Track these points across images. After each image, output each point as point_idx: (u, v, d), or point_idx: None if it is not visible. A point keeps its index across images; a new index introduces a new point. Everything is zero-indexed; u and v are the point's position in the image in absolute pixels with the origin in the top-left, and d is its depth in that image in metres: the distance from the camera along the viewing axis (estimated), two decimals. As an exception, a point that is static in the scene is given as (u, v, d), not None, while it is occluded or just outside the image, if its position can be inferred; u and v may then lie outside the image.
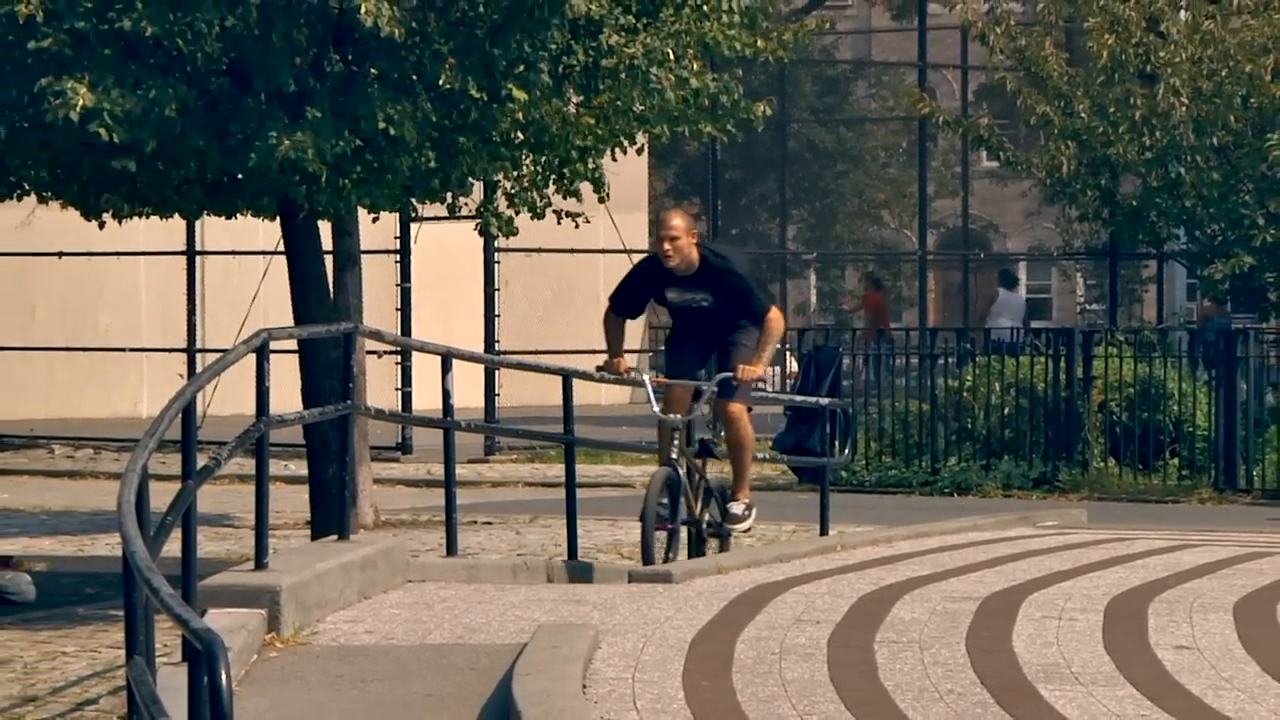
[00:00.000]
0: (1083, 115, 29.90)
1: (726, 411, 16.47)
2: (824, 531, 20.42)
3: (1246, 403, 28.12)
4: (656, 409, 16.12)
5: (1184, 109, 29.19)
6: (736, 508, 16.37)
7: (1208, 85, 29.01)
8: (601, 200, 21.10)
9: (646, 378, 16.72)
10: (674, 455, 15.71)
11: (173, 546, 11.89)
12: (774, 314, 16.35)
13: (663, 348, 14.64)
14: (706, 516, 16.65)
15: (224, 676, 7.25)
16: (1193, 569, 17.89)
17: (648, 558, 16.00)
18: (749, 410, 16.80)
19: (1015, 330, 37.21)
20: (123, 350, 35.70)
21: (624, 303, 17.25)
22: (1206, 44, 29.36)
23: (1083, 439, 27.91)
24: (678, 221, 15.93)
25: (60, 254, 32.03)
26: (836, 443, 26.53)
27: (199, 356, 31.29)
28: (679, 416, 15.89)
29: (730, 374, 15.95)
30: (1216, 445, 27.75)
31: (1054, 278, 65.15)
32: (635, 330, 44.89)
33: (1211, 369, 28.68)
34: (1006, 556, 18.88)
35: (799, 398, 27.52)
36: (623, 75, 18.57)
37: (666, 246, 15.82)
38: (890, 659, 13.23)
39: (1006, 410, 28.57)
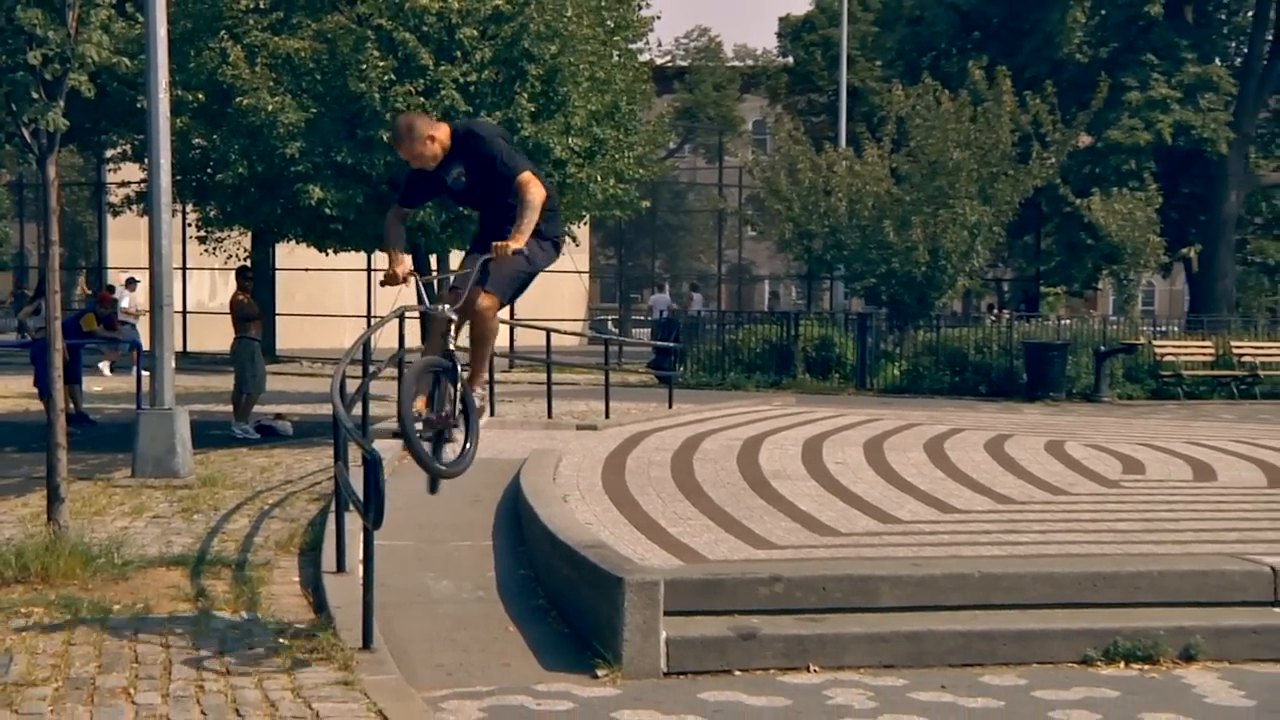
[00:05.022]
0: (795, 209, 29.96)
1: (472, 303, 7.80)
2: (670, 407, 20.44)
3: (873, 347, 28.28)
4: (427, 304, 8.01)
5: (843, 207, 29.28)
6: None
7: (854, 197, 29.17)
8: (577, 242, 21.15)
9: (416, 278, 8.06)
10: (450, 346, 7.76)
11: (356, 411, 11.84)
12: (525, 175, 7.55)
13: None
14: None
15: (381, 474, 7.23)
16: (845, 425, 17.99)
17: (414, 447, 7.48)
18: (500, 304, 7.93)
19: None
20: (337, 316, 35.39)
21: (409, 196, 8.16)
22: (855, 176, 29.44)
23: (794, 364, 27.98)
24: (405, 144, 7.69)
25: (306, 269, 31.75)
26: (678, 364, 26.57)
27: (373, 320, 31.09)
28: (448, 307, 7.75)
29: (488, 255, 7.59)
30: (857, 367, 27.88)
31: (781, 288, 65.28)
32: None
33: (855, 331, 28.80)
34: (757, 419, 18.96)
35: (659, 342, 27.59)
36: (578, 186, 18.54)
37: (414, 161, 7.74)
38: (700, 467, 13.28)
39: (759, 349, 28.61)
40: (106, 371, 27.28)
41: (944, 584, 8.27)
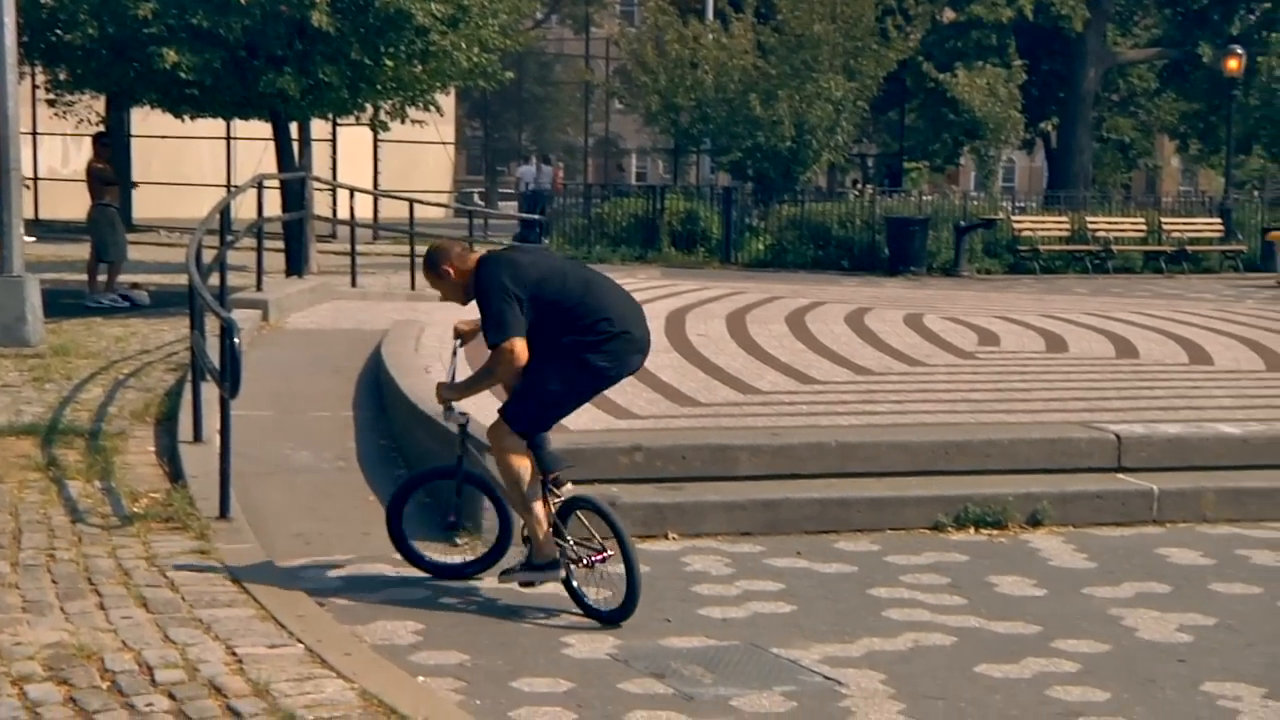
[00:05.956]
0: (662, 82, 29.77)
1: None
2: (535, 278, 20.30)
3: (737, 222, 28.35)
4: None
5: (710, 80, 29.15)
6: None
7: (721, 71, 28.99)
8: (441, 112, 20.91)
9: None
10: None
11: (214, 281, 11.62)
12: (499, 352, 6.29)
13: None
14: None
15: (238, 340, 7.12)
16: (709, 299, 18.03)
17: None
18: (509, 424, 6.60)
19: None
20: (195, 185, 34.49)
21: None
22: (722, 49, 29.30)
23: (660, 237, 27.97)
24: (428, 277, 6.54)
25: (164, 136, 30.94)
26: (543, 237, 26.45)
27: (232, 189, 30.41)
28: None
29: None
30: (722, 241, 27.95)
31: (648, 162, 65.03)
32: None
33: (720, 205, 28.81)
34: (621, 291, 18.94)
35: (526, 215, 27.39)
36: (441, 55, 18.22)
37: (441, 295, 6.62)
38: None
39: (625, 223, 28.55)
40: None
41: (801, 453, 8.38)
